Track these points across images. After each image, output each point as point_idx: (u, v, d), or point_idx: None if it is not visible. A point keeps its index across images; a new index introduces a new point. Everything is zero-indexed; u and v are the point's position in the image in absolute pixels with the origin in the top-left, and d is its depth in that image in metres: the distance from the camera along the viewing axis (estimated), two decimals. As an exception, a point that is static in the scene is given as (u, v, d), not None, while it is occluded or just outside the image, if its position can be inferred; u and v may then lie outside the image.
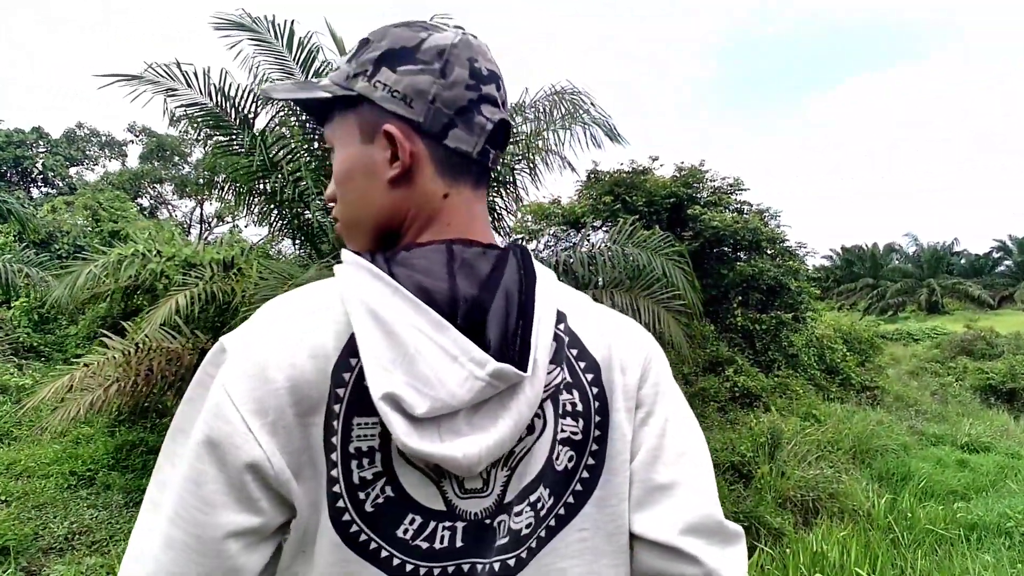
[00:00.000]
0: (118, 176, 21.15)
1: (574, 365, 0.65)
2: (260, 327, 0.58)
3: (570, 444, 0.64)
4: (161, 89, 4.63)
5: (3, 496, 4.34)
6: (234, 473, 0.54)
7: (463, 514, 0.60)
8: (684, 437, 0.69)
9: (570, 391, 0.64)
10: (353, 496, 0.57)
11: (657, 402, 0.69)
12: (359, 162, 0.66)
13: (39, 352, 8.22)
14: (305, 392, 0.56)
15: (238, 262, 5.32)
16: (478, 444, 0.56)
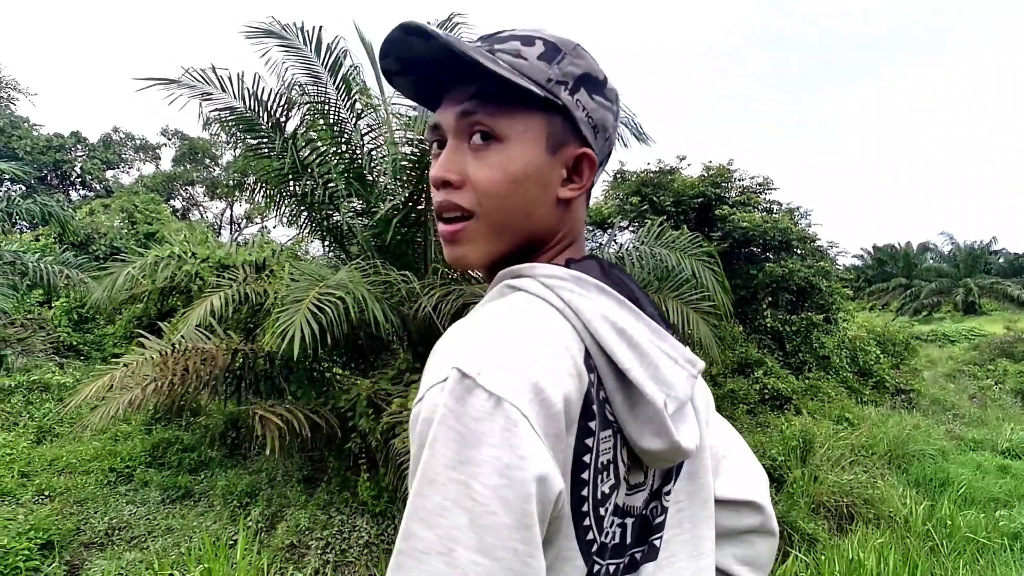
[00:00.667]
0: (152, 179, 21.69)
1: None
2: (507, 349, 0.53)
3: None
4: (196, 93, 4.73)
5: (47, 492, 4.48)
6: (546, 506, 0.50)
7: (631, 509, 0.63)
8: (726, 424, 0.85)
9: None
10: (597, 513, 0.57)
11: (703, 388, 0.74)
12: (537, 170, 0.63)
13: (79, 351, 8.47)
14: (571, 413, 0.54)
15: (270, 264, 5.41)
16: (694, 432, 0.63)
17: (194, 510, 4.51)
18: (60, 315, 8.72)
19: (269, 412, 4.31)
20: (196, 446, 5.51)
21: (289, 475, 4.89)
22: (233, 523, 4.29)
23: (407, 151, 5.20)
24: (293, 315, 3.58)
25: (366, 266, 4.57)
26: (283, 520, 4.31)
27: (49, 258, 7.72)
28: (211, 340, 4.76)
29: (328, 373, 5.24)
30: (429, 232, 5.41)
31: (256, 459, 5.33)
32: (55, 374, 6.73)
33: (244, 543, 3.71)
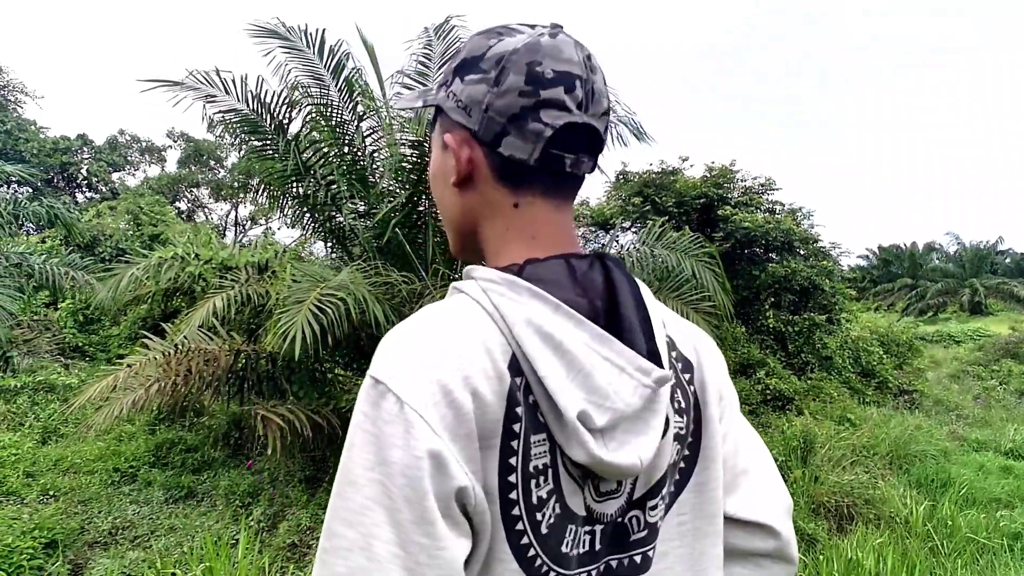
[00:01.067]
0: (157, 181, 21.81)
1: (675, 366, 0.68)
2: (421, 352, 0.55)
3: (678, 439, 0.68)
4: (201, 95, 4.78)
5: (52, 491, 4.53)
6: (448, 499, 0.52)
7: (600, 517, 0.62)
8: (748, 428, 0.79)
9: (674, 391, 0.67)
10: (532, 517, 0.57)
11: (730, 398, 0.76)
12: (438, 168, 0.70)
13: (84, 352, 8.54)
14: (488, 417, 0.55)
15: (272, 265, 5.45)
16: (644, 448, 0.59)
17: (197, 510, 4.55)
18: (66, 316, 8.79)
19: (271, 412, 4.35)
20: (199, 446, 5.55)
21: (291, 475, 4.92)
22: (235, 522, 4.32)
23: (407, 152, 5.24)
24: (295, 316, 3.61)
25: (367, 267, 4.60)
26: (285, 520, 4.34)
27: (55, 260, 7.80)
28: (214, 341, 4.80)
29: (330, 374, 5.28)
30: (430, 233, 5.44)
31: (259, 459, 5.37)
32: (60, 375, 6.79)
33: (246, 542, 3.74)
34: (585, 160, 0.66)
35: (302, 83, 5.27)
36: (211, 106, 4.89)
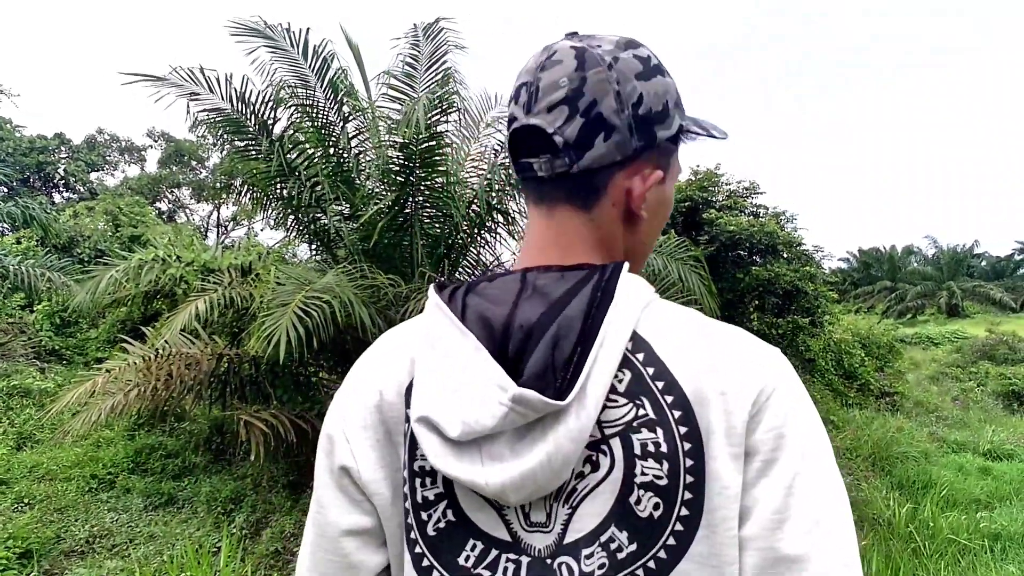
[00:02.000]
0: (137, 181, 21.48)
1: (659, 400, 0.57)
2: (363, 358, 0.69)
3: (654, 489, 0.56)
4: (184, 92, 4.68)
5: (26, 499, 4.42)
6: (335, 475, 0.63)
7: (528, 548, 0.59)
8: (821, 498, 0.55)
9: (652, 429, 0.57)
10: (418, 516, 0.60)
11: (782, 450, 0.56)
12: None
13: (60, 355, 8.36)
14: (388, 413, 0.63)
15: (255, 267, 5.37)
16: (505, 472, 0.55)
17: (177, 517, 4.46)
18: (42, 319, 8.59)
19: (254, 417, 4.27)
20: (180, 452, 5.45)
21: (274, 481, 4.85)
22: (217, 530, 4.25)
23: (393, 154, 5.19)
24: (279, 319, 3.55)
25: (353, 270, 4.55)
26: (268, 526, 4.27)
27: (31, 261, 7.62)
28: (196, 345, 4.71)
29: (314, 378, 5.21)
30: (416, 236, 5.40)
31: (241, 465, 5.28)
32: (36, 379, 6.64)
33: (228, 550, 3.67)
34: (547, 160, 0.64)
35: (287, 83, 5.20)
36: (195, 105, 4.80)
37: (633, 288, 0.61)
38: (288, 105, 5.28)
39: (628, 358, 0.58)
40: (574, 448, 0.55)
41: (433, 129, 4.88)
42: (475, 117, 6.21)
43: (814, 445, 0.57)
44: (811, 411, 0.59)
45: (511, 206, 6.02)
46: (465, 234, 5.86)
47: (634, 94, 0.63)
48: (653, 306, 0.62)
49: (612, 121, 0.62)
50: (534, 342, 0.57)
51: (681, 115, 0.68)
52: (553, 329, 0.57)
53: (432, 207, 5.51)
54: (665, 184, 0.69)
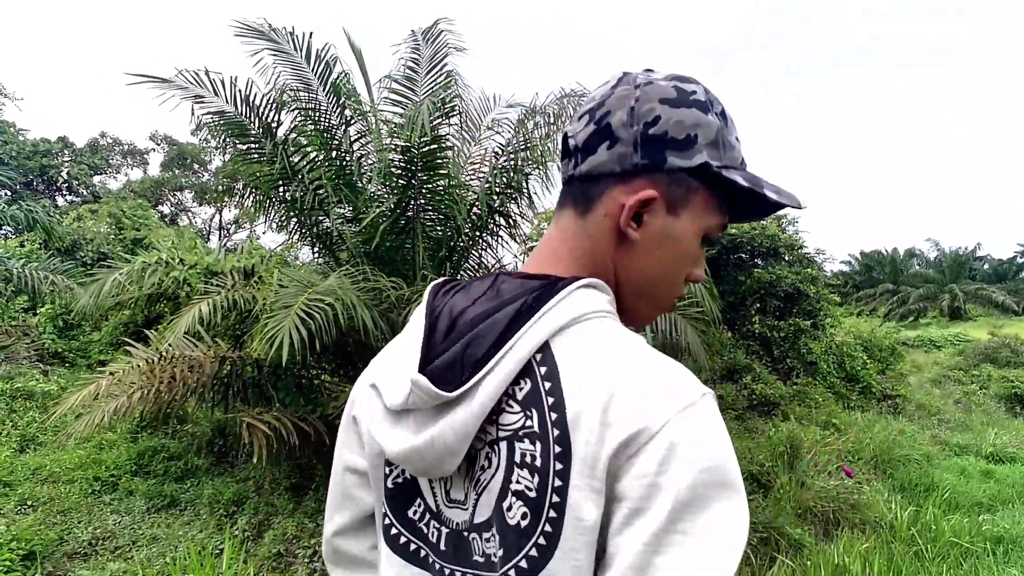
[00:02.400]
0: (140, 184, 21.54)
1: (545, 415, 0.58)
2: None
3: (523, 499, 0.58)
4: (189, 95, 4.71)
5: (30, 501, 4.43)
6: (348, 421, 0.76)
7: (448, 521, 0.66)
8: (690, 568, 0.50)
9: (533, 441, 0.58)
10: (384, 470, 0.71)
11: (652, 500, 0.52)
12: None
13: (63, 358, 8.38)
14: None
15: (258, 270, 5.39)
16: (403, 444, 0.63)
17: (180, 519, 4.47)
18: (45, 322, 8.62)
19: (256, 420, 4.29)
20: (183, 454, 5.46)
21: (277, 483, 4.86)
22: (219, 532, 4.25)
23: (395, 158, 5.20)
24: (282, 321, 3.57)
25: (356, 272, 4.57)
26: (270, 528, 4.28)
27: (34, 264, 7.64)
28: (199, 347, 4.73)
29: (316, 380, 5.22)
30: (418, 239, 5.42)
31: (244, 467, 5.29)
32: (39, 382, 6.65)
33: (230, 552, 3.68)
34: (566, 163, 0.71)
35: (290, 86, 5.23)
36: (199, 107, 4.83)
37: (570, 303, 0.62)
38: (291, 108, 5.30)
39: (533, 370, 0.59)
40: (455, 438, 0.59)
41: (435, 132, 4.90)
42: (475, 120, 6.23)
43: (700, 510, 0.51)
44: (711, 471, 0.52)
45: (512, 208, 6.04)
46: (467, 237, 5.87)
47: (650, 114, 0.65)
48: (585, 324, 0.61)
49: (619, 133, 0.65)
50: (460, 338, 0.62)
51: (717, 156, 0.66)
52: (476, 329, 0.61)
53: (434, 210, 5.53)
54: (678, 218, 0.66)
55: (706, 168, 0.65)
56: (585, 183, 0.68)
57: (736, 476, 0.53)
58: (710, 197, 0.67)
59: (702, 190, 0.67)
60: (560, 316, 0.61)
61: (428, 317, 0.67)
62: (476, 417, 0.59)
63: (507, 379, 0.59)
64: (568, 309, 0.61)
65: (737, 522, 0.52)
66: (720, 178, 0.66)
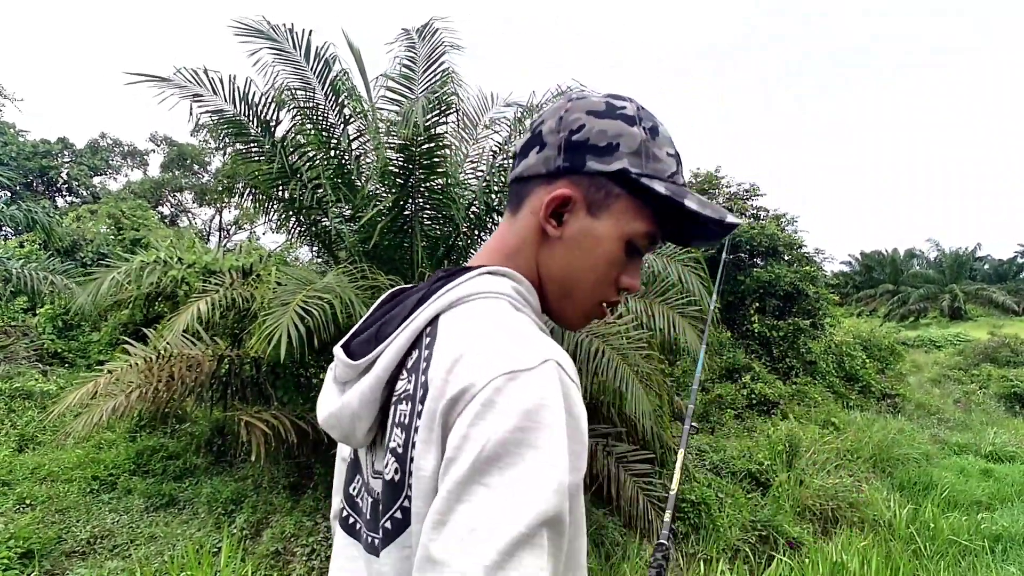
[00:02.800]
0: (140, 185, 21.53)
1: (417, 379, 0.63)
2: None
3: (395, 456, 0.62)
4: (187, 94, 4.70)
5: (28, 500, 4.42)
6: None
7: (372, 491, 0.70)
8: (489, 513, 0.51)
9: (406, 402, 0.63)
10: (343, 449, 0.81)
11: (461, 451, 0.54)
12: None
13: (63, 358, 8.37)
14: None
15: (257, 269, 5.39)
16: (326, 409, 0.71)
17: (178, 518, 4.47)
18: (44, 322, 8.61)
19: (255, 418, 4.29)
20: (181, 453, 5.46)
21: (275, 482, 4.86)
22: (218, 530, 4.25)
23: (393, 156, 5.21)
24: (280, 318, 3.57)
25: (354, 270, 4.57)
26: (268, 527, 4.28)
27: (34, 264, 7.65)
28: (197, 346, 4.73)
29: (315, 379, 5.22)
30: (417, 237, 5.42)
31: (242, 466, 5.29)
32: (38, 382, 6.65)
33: (228, 550, 3.68)
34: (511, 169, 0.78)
35: (289, 85, 5.23)
36: (198, 106, 4.82)
37: (466, 286, 0.68)
38: (290, 107, 5.31)
39: (422, 341, 0.66)
40: (359, 403, 0.66)
41: (432, 131, 4.90)
42: (473, 119, 6.24)
43: (506, 467, 0.52)
44: (524, 431, 0.53)
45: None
46: (465, 235, 5.87)
47: (576, 122, 0.71)
48: (473, 303, 0.66)
49: (547, 138, 0.72)
50: (380, 319, 0.72)
51: (639, 165, 0.70)
52: (392, 312, 0.71)
53: (432, 208, 5.53)
54: (598, 219, 0.70)
55: (625, 174, 0.69)
56: (517, 184, 0.75)
57: (551, 443, 0.54)
58: (633, 203, 0.71)
59: (624, 196, 0.70)
60: (452, 295, 0.67)
61: (375, 307, 0.77)
62: (376, 382, 0.66)
63: (401, 349, 0.66)
64: (461, 290, 0.67)
65: (542, 485, 0.52)
66: (638, 184, 0.69)
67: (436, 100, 5.05)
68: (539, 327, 0.69)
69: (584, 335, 4.64)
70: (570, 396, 0.58)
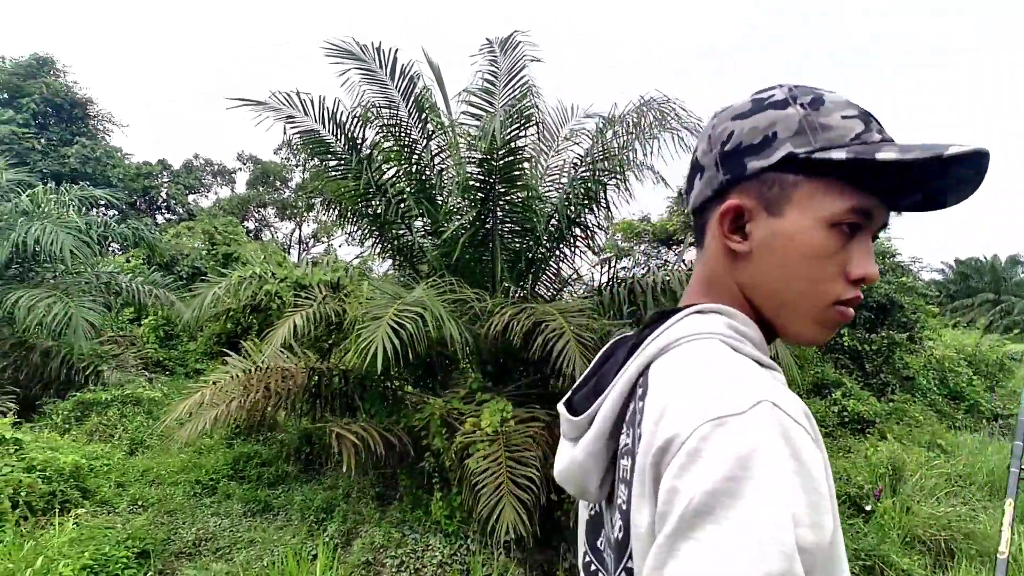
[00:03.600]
0: (228, 201, 22.87)
1: (635, 431, 0.60)
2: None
3: (620, 513, 0.61)
4: (281, 116, 4.96)
5: (140, 501, 4.71)
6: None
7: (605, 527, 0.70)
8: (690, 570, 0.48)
9: (627, 458, 0.61)
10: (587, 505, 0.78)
11: (670, 507, 0.51)
12: None
13: (164, 366, 8.95)
14: None
15: (344, 283, 5.56)
16: (559, 465, 0.72)
17: (274, 524, 4.63)
18: (148, 332, 9.25)
19: (345, 430, 4.40)
20: (273, 461, 5.68)
21: (363, 492, 4.96)
22: (311, 538, 4.38)
23: (473, 171, 5.26)
24: (374, 331, 3.65)
25: (442, 283, 4.63)
26: (358, 537, 4.37)
27: (140, 278, 8.22)
28: (291, 359, 4.92)
29: (400, 391, 5.32)
30: (497, 251, 5.44)
31: (330, 475, 5.44)
32: (145, 389, 7.12)
33: (324, 559, 3.78)
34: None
35: (374, 103, 5.39)
36: (291, 127, 5.06)
37: (673, 330, 0.65)
38: (374, 124, 5.47)
39: (635, 392, 0.64)
40: (584, 459, 0.67)
41: (512, 143, 4.92)
42: (553, 131, 6.22)
43: (717, 519, 0.48)
44: (734, 480, 0.48)
45: (590, 220, 5.98)
46: (545, 248, 5.85)
47: (724, 133, 0.68)
48: (683, 347, 0.62)
49: (703, 162, 0.70)
50: (595, 374, 0.73)
51: (806, 143, 0.63)
52: (605, 366, 0.71)
53: (512, 222, 5.54)
54: (783, 217, 0.64)
55: (792, 158, 0.64)
56: (696, 217, 0.73)
57: (769, 494, 0.48)
58: (817, 184, 0.64)
59: (803, 181, 0.64)
60: (661, 341, 0.64)
61: (598, 358, 0.76)
62: (598, 436, 0.66)
63: (617, 402, 0.65)
64: (670, 334, 0.64)
65: (759, 541, 0.47)
66: (813, 162, 0.63)
67: (516, 113, 5.07)
68: (763, 364, 0.63)
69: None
70: (794, 440, 0.51)
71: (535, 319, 4.39)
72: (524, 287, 5.85)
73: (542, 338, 4.20)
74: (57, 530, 3.79)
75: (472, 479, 3.97)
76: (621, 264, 10.04)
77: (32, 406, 6.64)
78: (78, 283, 7.37)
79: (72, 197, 7.82)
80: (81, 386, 7.01)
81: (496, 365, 5.37)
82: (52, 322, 6.25)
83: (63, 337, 6.64)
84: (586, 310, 4.71)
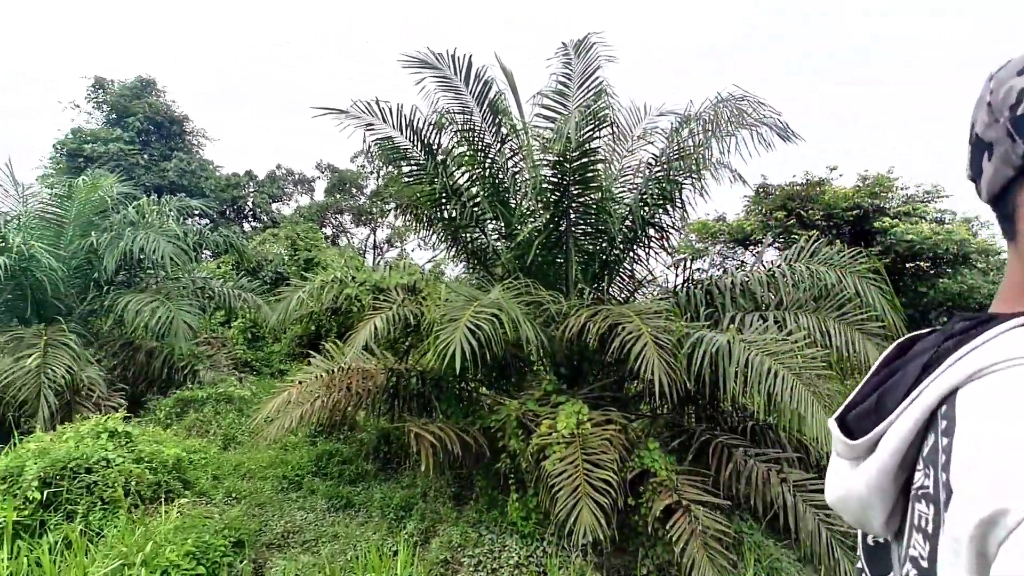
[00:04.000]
0: (308, 209, 23.95)
1: (937, 475, 0.49)
2: None
3: (916, 566, 0.51)
4: (362, 124, 5.17)
5: (234, 494, 4.99)
6: None
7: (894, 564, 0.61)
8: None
9: (927, 503, 0.50)
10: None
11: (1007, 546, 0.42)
12: None
13: (251, 366, 9.46)
14: None
15: (420, 286, 5.69)
16: (833, 491, 0.64)
17: (355, 519, 4.79)
18: (237, 334, 9.81)
19: (423, 430, 4.50)
20: (353, 459, 5.88)
21: (440, 491, 5.05)
22: (391, 534, 4.50)
23: (547, 173, 5.27)
24: (452, 333, 3.71)
25: (517, 285, 4.65)
26: (436, 535, 4.45)
27: (230, 283, 8.75)
28: (370, 360, 5.09)
29: (476, 393, 5.39)
30: (571, 253, 5.42)
31: (407, 473, 5.58)
32: (236, 387, 7.56)
33: (405, 556, 3.87)
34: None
35: (449, 108, 5.51)
36: (370, 134, 5.27)
37: (988, 348, 0.50)
38: (448, 130, 5.59)
39: (937, 423, 0.51)
40: (864, 489, 0.57)
41: (587, 145, 4.90)
42: (626, 131, 6.14)
43: None
44: None
45: (664, 220, 5.86)
46: (619, 249, 5.78)
47: (1010, 95, 0.54)
48: (1003, 373, 0.48)
49: (986, 136, 0.57)
50: (877, 388, 0.61)
51: None
52: (890, 381, 0.59)
53: (585, 223, 5.51)
54: None
55: None
56: (997, 207, 0.59)
57: None
58: None
59: None
60: (972, 362, 0.50)
61: (876, 365, 0.64)
62: (883, 468, 0.55)
63: (910, 433, 0.53)
64: (985, 355, 0.50)
65: None
66: None
67: (590, 114, 5.04)
68: None
69: (755, 352, 4.34)
70: None
71: (611, 321, 4.34)
72: (598, 289, 5.80)
73: (618, 340, 4.15)
74: (163, 518, 4.07)
75: (548, 481, 3.97)
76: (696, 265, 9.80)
77: (138, 402, 7.18)
78: (177, 288, 7.92)
79: (171, 208, 8.42)
80: (180, 384, 7.53)
81: (570, 367, 5.35)
82: (156, 324, 6.75)
83: (165, 338, 7.15)
84: (663, 312, 4.61)
